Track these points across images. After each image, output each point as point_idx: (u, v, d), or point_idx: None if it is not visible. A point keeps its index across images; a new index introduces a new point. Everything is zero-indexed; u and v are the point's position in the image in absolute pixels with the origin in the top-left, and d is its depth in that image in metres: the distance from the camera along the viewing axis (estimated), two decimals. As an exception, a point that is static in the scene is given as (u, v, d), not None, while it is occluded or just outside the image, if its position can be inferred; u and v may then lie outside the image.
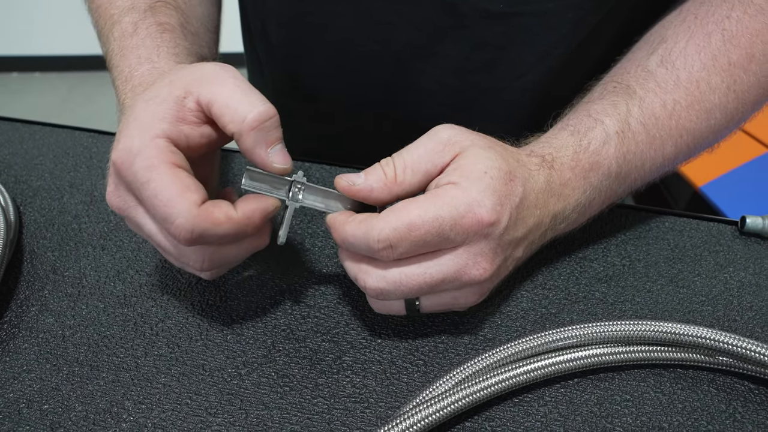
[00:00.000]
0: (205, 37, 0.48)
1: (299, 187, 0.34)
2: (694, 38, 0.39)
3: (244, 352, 0.35)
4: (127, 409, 0.32)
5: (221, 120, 0.31)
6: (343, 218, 0.32)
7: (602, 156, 0.36)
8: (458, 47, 0.48)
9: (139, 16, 0.41)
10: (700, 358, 0.34)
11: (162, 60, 0.38)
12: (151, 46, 0.39)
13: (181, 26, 0.42)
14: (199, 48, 0.45)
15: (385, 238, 0.30)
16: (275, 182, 0.33)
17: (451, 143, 0.33)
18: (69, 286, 0.39)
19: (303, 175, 0.34)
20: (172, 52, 0.39)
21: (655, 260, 0.42)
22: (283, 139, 0.32)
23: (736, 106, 0.40)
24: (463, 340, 0.36)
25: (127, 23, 0.40)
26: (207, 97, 0.31)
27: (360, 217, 0.32)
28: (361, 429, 0.31)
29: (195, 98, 0.31)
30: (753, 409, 0.33)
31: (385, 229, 0.30)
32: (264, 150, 0.31)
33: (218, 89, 0.31)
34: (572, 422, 0.32)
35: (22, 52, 2.66)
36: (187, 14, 0.45)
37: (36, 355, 0.35)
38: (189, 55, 0.41)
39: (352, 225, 0.32)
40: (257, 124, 0.30)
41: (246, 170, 0.32)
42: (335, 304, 0.38)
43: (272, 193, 0.33)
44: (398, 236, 0.30)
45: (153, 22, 0.40)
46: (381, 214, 0.31)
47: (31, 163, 0.50)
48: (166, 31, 0.40)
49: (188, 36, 0.43)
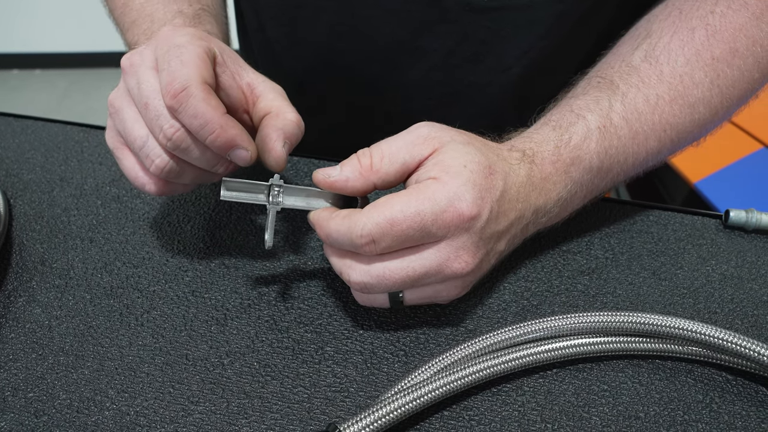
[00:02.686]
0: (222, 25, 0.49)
1: (278, 190, 0.34)
2: (678, 33, 0.39)
3: (228, 342, 0.36)
4: (111, 397, 0.33)
5: (262, 95, 0.37)
6: (326, 215, 0.33)
7: (583, 151, 0.36)
8: (443, 41, 0.48)
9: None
10: (677, 349, 0.34)
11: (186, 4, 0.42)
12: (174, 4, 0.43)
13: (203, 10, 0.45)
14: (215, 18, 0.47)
15: (367, 233, 0.30)
16: (253, 188, 0.34)
17: (431, 138, 0.33)
18: (57, 277, 0.40)
19: (279, 178, 0.34)
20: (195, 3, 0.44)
21: (638, 253, 0.42)
22: None
23: (720, 101, 0.40)
24: (444, 331, 0.37)
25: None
26: (245, 76, 0.37)
27: (343, 213, 0.32)
28: (340, 418, 0.32)
29: (231, 69, 0.36)
30: (729, 399, 0.33)
31: (368, 225, 0.30)
32: (281, 140, 0.35)
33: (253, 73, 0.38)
34: (549, 411, 0.32)
35: (21, 50, 2.66)
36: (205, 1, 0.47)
37: (22, 344, 0.35)
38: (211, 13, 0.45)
39: (335, 221, 0.32)
40: (298, 121, 0.36)
41: (223, 181, 0.33)
42: (319, 296, 0.38)
43: (252, 200, 0.34)
44: (380, 231, 0.30)
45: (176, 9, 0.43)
46: (363, 210, 0.31)
47: (22, 157, 0.50)
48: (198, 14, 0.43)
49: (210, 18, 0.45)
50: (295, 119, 0.36)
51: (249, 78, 0.37)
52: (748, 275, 0.41)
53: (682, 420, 0.32)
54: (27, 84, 2.63)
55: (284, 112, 0.36)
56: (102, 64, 2.54)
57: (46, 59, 2.68)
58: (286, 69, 0.57)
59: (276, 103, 0.36)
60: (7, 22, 2.58)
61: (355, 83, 0.54)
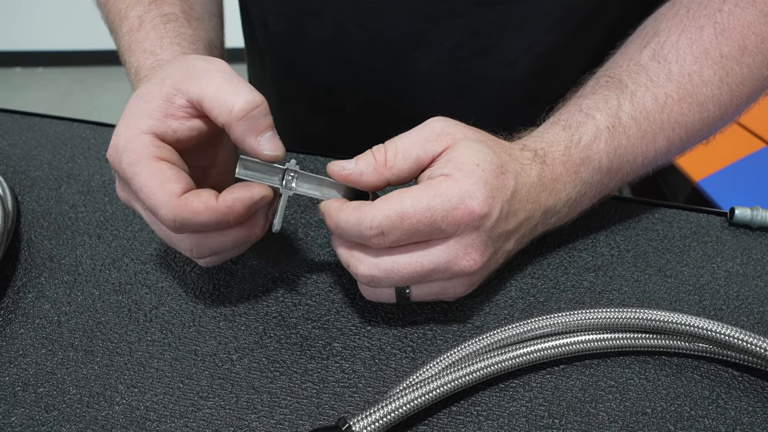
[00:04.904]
0: (210, 21, 0.49)
1: (292, 175, 0.34)
2: (686, 31, 0.39)
3: (236, 338, 0.36)
4: (120, 392, 0.33)
5: (211, 114, 0.32)
6: (336, 205, 0.33)
7: (593, 151, 0.36)
8: (450, 35, 0.48)
9: (144, 9, 0.42)
10: (684, 345, 0.34)
11: (165, 51, 0.39)
12: (155, 38, 0.40)
13: (185, 14, 0.43)
14: (204, 33, 0.46)
15: (377, 225, 0.31)
16: (268, 171, 0.34)
17: (444, 134, 0.33)
18: (65, 273, 0.40)
19: (296, 164, 0.34)
20: (175, 42, 0.40)
21: (643, 250, 0.42)
22: (273, 126, 0.33)
23: (729, 98, 0.40)
24: (451, 327, 0.37)
25: (133, 17, 0.42)
26: (196, 93, 0.32)
27: (353, 204, 0.32)
28: (349, 413, 0.32)
29: (185, 95, 0.32)
30: (736, 395, 0.33)
31: (378, 217, 0.31)
32: (254, 138, 0.32)
33: (206, 84, 0.32)
34: (557, 407, 0.33)
35: (24, 47, 2.67)
36: (191, 1, 0.46)
37: (32, 340, 0.36)
38: (193, 42, 0.42)
39: (345, 212, 0.32)
40: (244, 114, 0.31)
41: (239, 159, 0.33)
42: (326, 292, 0.39)
43: (265, 181, 0.34)
44: (390, 224, 0.30)
45: (157, 14, 0.41)
46: (374, 202, 0.31)
47: (29, 154, 0.50)
48: (169, 21, 0.41)
49: (192, 22, 0.44)
50: (242, 107, 0.31)
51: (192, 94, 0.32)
52: (754, 272, 0.41)
53: (688, 416, 0.32)
54: (30, 82, 2.63)
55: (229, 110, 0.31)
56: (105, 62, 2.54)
57: (48, 57, 2.68)
58: (292, 64, 0.57)
59: (216, 104, 0.31)
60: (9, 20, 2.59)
61: (361, 77, 0.54)
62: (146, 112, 0.32)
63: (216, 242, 0.34)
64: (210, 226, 0.32)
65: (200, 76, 0.32)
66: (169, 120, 0.32)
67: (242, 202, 0.32)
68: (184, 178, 0.32)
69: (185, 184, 0.32)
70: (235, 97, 0.31)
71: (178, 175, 0.32)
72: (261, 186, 0.33)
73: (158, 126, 0.32)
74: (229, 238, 0.34)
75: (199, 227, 0.32)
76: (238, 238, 0.34)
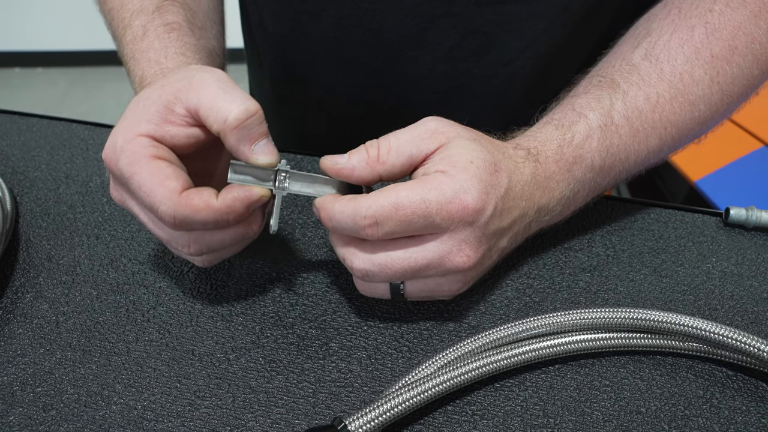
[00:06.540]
0: (212, 29, 0.49)
1: (284, 175, 0.34)
2: (677, 31, 0.40)
3: (233, 338, 0.36)
4: (118, 392, 0.33)
5: (207, 123, 0.32)
6: (331, 198, 0.34)
7: (585, 150, 0.37)
8: (448, 34, 0.49)
9: (148, 18, 0.42)
10: (678, 345, 0.35)
11: (170, 60, 0.39)
12: (159, 47, 0.40)
13: (188, 22, 0.44)
14: (206, 41, 0.46)
15: (371, 215, 0.31)
16: (260, 173, 0.34)
17: (438, 132, 0.33)
18: (63, 273, 0.40)
19: (286, 164, 0.35)
20: (179, 51, 0.40)
21: (639, 250, 0.42)
22: (268, 134, 0.33)
23: (720, 98, 0.40)
24: (447, 327, 0.37)
25: (137, 26, 0.42)
26: (194, 102, 0.32)
27: (348, 197, 0.33)
28: (345, 412, 0.32)
29: (184, 104, 0.33)
30: (730, 395, 0.34)
31: (373, 206, 0.31)
32: (247, 147, 0.32)
33: (203, 94, 0.32)
34: (551, 406, 0.33)
35: (23, 48, 2.67)
36: (193, 9, 0.46)
37: (30, 339, 0.36)
38: (196, 51, 0.42)
39: (340, 203, 0.32)
40: (238, 124, 0.31)
41: (231, 164, 0.33)
42: (323, 293, 0.39)
43: (258, 184, 0.34)
44: (385, 214, 0.31)
45: (160, 23, 0.42)
46: (369, 194, 0.32)
47: (28, 155, 0.50)
48: (173, 30, 0.42)
49: (195, 31, 0.44)
50: (236, 116, 0.31)
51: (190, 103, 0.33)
52: (748, 272, 0.41)
53: (682, 415, 0.33)
54: (29, 82, 2.63)
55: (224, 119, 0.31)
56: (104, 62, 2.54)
57: (47, 57, 2.68)
58: (291, 64, 0.58)
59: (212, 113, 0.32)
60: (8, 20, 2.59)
61: (360, 76, 0.55)
62: (146, 116, 0.33)
63: (214, 239, 0.34)
64: (209, 224, 0.32)
65: (198, 86, 0.33)
66: (168, 125, 0.33)
67: (242, 202, 0.32)
68: (182, 176, 0.32)
69: (184, 182, 0.32)
70: (229, 105, 0.31)
71: (177, 173, 0.32)
72: (259, 186, 0.33)
73: (156, 130, 0.33)
74: (228, 235, 0.34)
75: (199, 225, 0.32)
76: (236, 236, 0.34)
